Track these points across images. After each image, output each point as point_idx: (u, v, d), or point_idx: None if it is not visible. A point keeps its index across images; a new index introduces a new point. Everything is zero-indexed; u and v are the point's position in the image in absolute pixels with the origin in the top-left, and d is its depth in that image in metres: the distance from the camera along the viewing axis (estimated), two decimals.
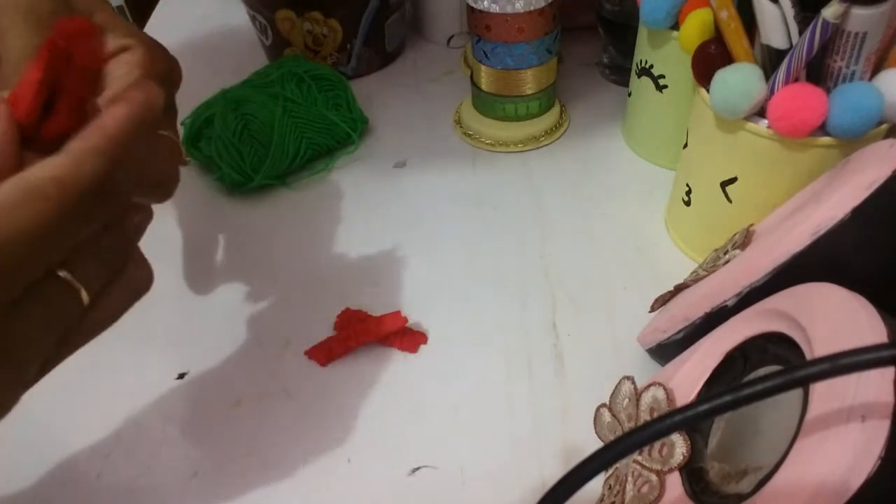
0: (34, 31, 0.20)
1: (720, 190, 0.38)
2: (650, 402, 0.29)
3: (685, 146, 0.41)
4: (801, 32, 0.31)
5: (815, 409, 0.21)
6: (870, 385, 0.20)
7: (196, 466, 0.34)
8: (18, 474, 0.34)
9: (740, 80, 0.33)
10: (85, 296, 0.19)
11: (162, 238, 0.46)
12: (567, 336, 0.39)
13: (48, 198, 0.16)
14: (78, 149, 0.17)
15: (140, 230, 0.23)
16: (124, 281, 0.21)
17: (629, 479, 0.28)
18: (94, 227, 0.19)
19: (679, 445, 0.26)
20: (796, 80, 0.32)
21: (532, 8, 0.46)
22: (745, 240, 0.34)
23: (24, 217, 0.16)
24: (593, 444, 0.29)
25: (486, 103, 0.52)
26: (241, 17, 0.67)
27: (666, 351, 0.33)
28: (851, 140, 0.32)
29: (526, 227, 0.46)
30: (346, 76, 0.55)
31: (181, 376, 0.38)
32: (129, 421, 0.36)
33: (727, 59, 0.35)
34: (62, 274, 0.18)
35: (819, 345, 0.23)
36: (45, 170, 0.17)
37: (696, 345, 0.30)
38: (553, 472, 0.33)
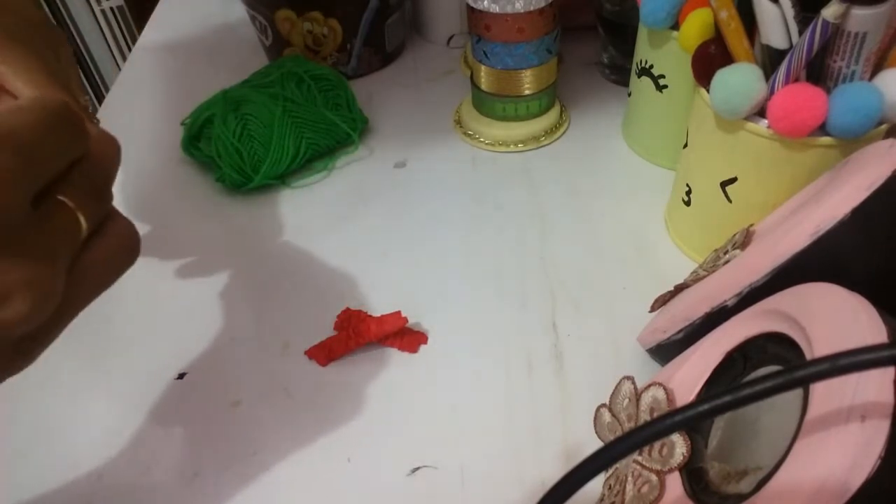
0: None
1: (720, 190, 0.38)
2: (650, 402, 0.29)
3: (685, 146, 0.41)
4: (801, 32, 0.31)
5: (815, 409, 0.21)
6: (870, 385, 0.20)
7: (196, 466, 0.34)
8: (19, 475, 0.34)
9: (740, 80, 0.33)
10: (82, 220, 0.21)
11: (162, 238, 0.46)
12: (567, 336, 0.39)
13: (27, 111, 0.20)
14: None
15: (110, 169, 0.24)
16: (113, 228, 0.23)
17: (629, 479, 0.28)
18: (76, 149, 0.21)
19: (679, 445, 0.26)
20: (796, 80, 0.32)
21: (532, 8, 0.46)
22: (745, 240, 0.34)
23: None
24: (593, 444, 0.29)
25: (486, 103, 0.52)
26: (241, 17, 0.67)
27: (666, 351, 0.33)
28: (851, 140, 0.32)
29: (526, 227, 0.46)
30: (346, 76, 0.55)
31: (181, 376, 0.38)
32: (130, 421, 0.36)
33: (727, 59, 0.35)
34: (59, 197, 0.21)
35: (819, 345, 0.23)
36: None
37: (696, 345, 0.30)
38: (553, 472, 0.33)
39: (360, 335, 0.38)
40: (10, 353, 0.21)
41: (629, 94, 0.50)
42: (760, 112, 0.34)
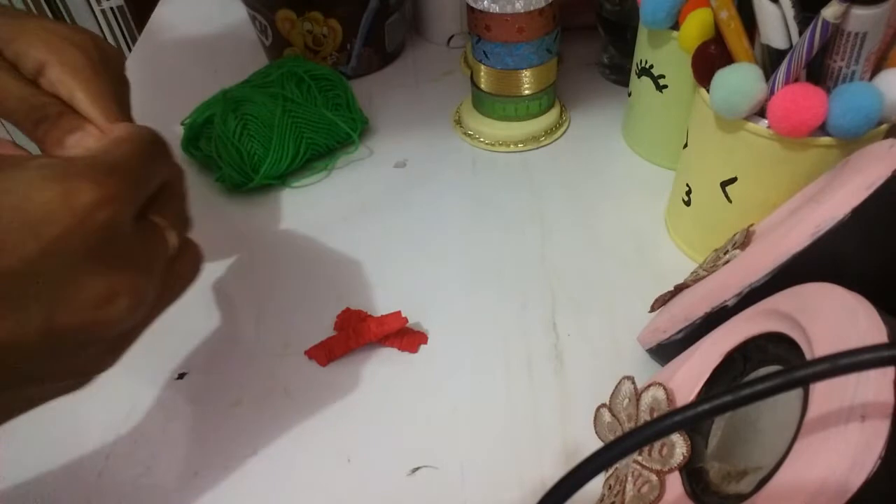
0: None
1: (720, 190, 0.38)
2: (650, 402, 0.29)
3: (685, 146, 0.41)
4: (801, 32, 0.31)
5: (815, 409, 0.21)
6: (870, 385, 0.20)
7: (196, 466, 0.34)
8: (19, 474, 0.34)
9: (740, 80, 0.33)
10: (172, 237, 0.25)
11: None
12: (567, 336, 0.39)
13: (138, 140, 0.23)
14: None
15: (185, 194, 0.28)
16: (187, 247, 0.26)
17: (629, 479, 0.28)
18: (166, 173, 0.25)
19: (679, 445, 0.26)
20: (796, 80, 0.32)
21: (532, 8, 0.46)
22: (745, 240, 0.34)
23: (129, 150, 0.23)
24: (593, 444, 0.29)
25: (486, 103, 0.52)
26: (241, 17, 0.67)
27: (666, 351, 0.33)
28: (851, 140, 0.32)
29: (526, 227, 0.46)
30: (346, 76, 0.55)
31: (181, 376, 0.38)
32: (129, 421, 0.36)
33: (727, 59, 0.35)
34: (153, 217, 0.24)
35: (819, 345, 0.23)
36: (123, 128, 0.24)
37: (696, 345, 0.30)
38: (553, 472, 0.33)
39: (360, 335, 0.38)
40: (104, 351, 0.23)
41: (629, 94, 0.50)
42: (760, 112, 0.34)
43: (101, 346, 0.22)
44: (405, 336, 0.38)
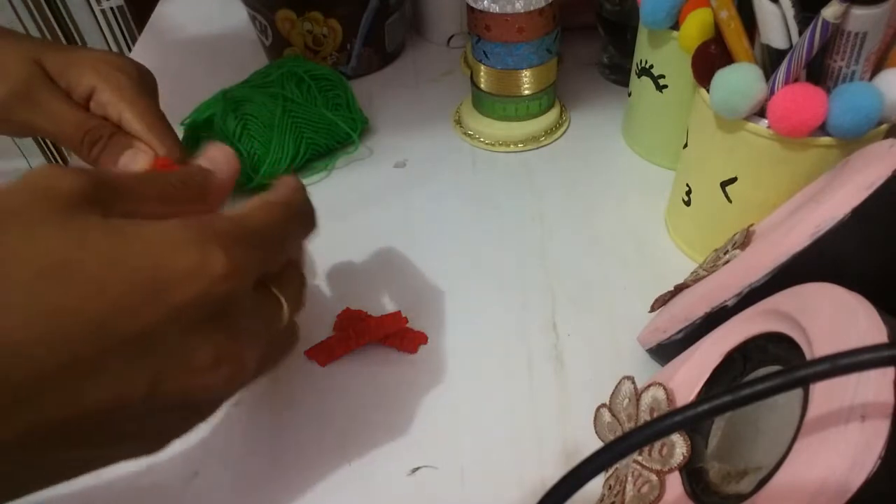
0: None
1: (720, 190, 0.38)
2: (650, 402, 0.29)
3: (685, 146, 0.41)
4: (801, 32, 0.31)
5: (815, 409, 0.21)
6: (870, 385, 0.20)
7: (196, 466, 0.34)
8: None
9: (740, 80, 0.33)
10: (286, 312, 0.24)
11: None
12: (567, 336, 0.39)
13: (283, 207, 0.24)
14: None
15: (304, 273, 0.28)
16: (293, 323, 0.26)
17: (629, 479, 0.28)
18: (295, 248, 0.25)
19: (679, 445, 0.26)
20: (796, 80, 0.32)
21: (532, 8, 0.46)
22: (745, 240, 0.34)
23: (268, 218, 0.23)
24: (593, 444, 0.29)
25: (486, 103, 0.52)
26: (241, 17, 0.67)
27: (666, 351, 0.33)
28: (851, 140, 0.32)
29: (526, 226, 0.46)
30: (346, 76, 0.55)
31: None
32: None
33: (727, 59, 0.35)
34: (273, 290, 0.24)
35: (819, 345, 0.23)
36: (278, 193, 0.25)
37: (696, 345, 0.30)
38: (553, 472, 0.33)
39: (360, 335, 0.38)
40: (189, 415, 0.22)
41: (629, 94, 0.50)
42: (760, 112, 0.34)
43: (189, 410, 0.22)
44: (405, 336, 0.38)
